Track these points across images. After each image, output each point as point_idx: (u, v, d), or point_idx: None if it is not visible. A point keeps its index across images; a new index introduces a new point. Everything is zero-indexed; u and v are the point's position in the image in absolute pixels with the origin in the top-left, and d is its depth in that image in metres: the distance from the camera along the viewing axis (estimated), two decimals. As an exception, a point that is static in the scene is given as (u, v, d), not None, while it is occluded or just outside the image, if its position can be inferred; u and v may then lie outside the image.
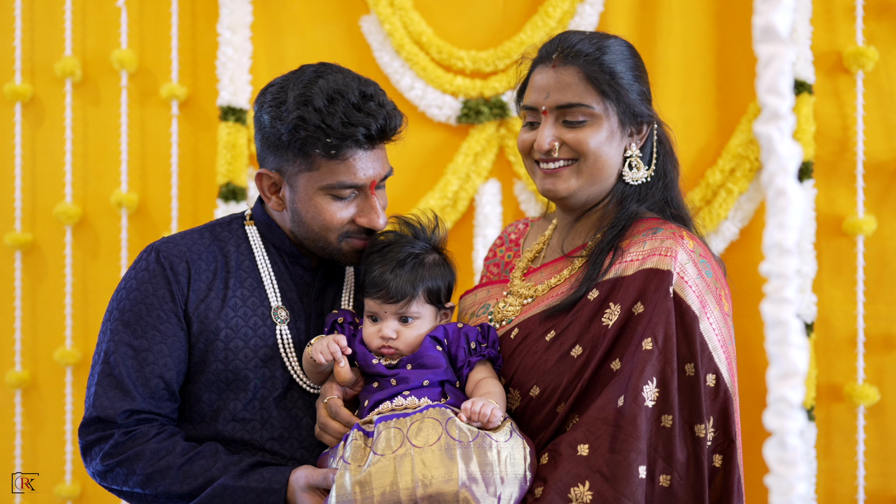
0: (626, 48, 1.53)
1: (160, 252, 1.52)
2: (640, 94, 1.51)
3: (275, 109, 1.47)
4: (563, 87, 1.48)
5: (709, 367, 1.39)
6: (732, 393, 1.41)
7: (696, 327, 1.38)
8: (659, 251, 1.42)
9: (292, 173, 1.49)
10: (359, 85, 1.48)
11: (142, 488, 1.43)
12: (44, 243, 2.59)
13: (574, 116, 1.47)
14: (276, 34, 2.54)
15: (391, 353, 1.47)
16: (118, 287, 1.53)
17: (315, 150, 1.45)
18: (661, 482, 1.34)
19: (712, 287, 1.43)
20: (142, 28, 2.58)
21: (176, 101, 2.55)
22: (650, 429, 1.34)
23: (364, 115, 1.46)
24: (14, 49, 2.57)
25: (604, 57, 1.48)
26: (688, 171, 2.44)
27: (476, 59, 2.47)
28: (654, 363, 1.36)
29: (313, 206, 1.50)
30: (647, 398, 1.34)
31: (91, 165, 2.60)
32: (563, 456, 1.35)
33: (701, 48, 2.43)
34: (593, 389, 1.39)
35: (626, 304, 1.39)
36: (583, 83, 1.47)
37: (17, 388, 2.56)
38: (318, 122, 1.44)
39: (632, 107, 1.48)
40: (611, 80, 1.47)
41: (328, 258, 1.58)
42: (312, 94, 1.45)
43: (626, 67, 1.49)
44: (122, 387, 1.45)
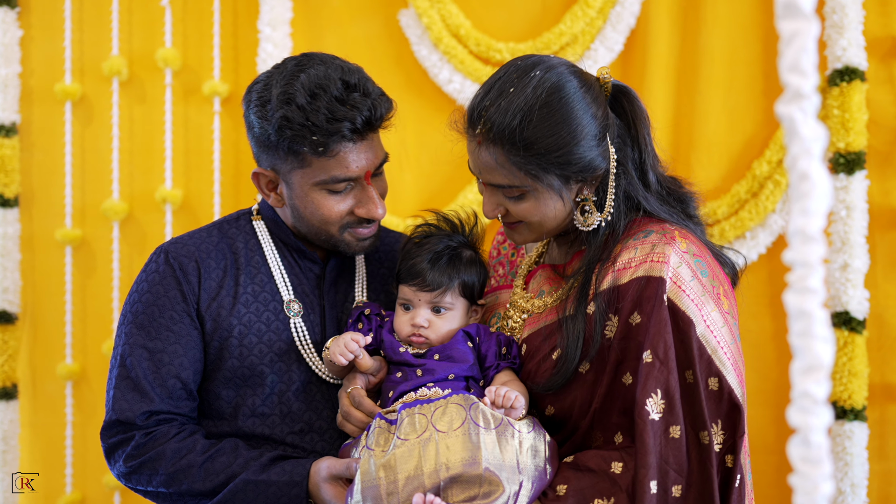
0: (560, 99, 1.37)
1: (169, 253, 1.53)
2: (579, 152, 1.37)
3: (260, 109, 1.46)
4: (490, 168, 1.40)
5: (709, 371, 1.36)
6: (739, 393, 1.38)
7: (691, 333, 1.35)
8: (651, 257, 1.38)
9: (286, 171, 1.49)
10: (341, 75, 1.45)
11: (166, 488, 1.44)
12: (93, 239, 2.65)
13: (510, 193, 1.41)
14: (315, 30, 2.55)
15: (420, 342, 1.48)
16: (130, 291, 1.55)
17: (303, 148, 1.44)
18: (673, 493, 1.33)
19: (709, 287, 1.39)
20: (185, 26, 2.61)
21: (218, 98, 2.58)
22: (658, 442, 1.32)
23: (349, 108, 1.43)
24: (64, 49, 2.63)
25: (526, 133, 1.35)
26: (733, 162, 2.37)
27: (515, 51, 2.43)
28: (657, 375, 1.33)
29: (310, 202, 1.49)
30: (652, 411, 1.32)
31: (137, 162, 2.65)
32: (593, 468, 1.35)
33: (747, 35, 2.35)
34: (612, 404, 1.37)
35: (624, 315, 1.37)
36: (508, 166, 1.38)
37: (68, 380, 2.63)
38: (302, 121, 1.42)
39: (570, 169, 1.38)
40: (539, 160, 1.36)
41: (333, 249, 1.57)
42: (294, 92, 1.43)
43: (557, 132, 1.36)
44: (140, 389, 1.46)
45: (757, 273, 2.35)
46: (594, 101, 1.40)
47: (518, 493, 1.31)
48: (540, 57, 1.43)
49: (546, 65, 1.40)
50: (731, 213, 2.34)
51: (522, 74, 1.39)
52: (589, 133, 1.38)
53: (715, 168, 2.36)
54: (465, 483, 1.29)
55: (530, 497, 1.33)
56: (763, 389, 2.30)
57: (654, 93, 2.37)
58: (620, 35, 2.39)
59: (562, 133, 1.36)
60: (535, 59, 1.42)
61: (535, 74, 1.38)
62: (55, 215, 2.65)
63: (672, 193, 1.50)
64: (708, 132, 2.36)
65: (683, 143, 2.39)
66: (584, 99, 1.38)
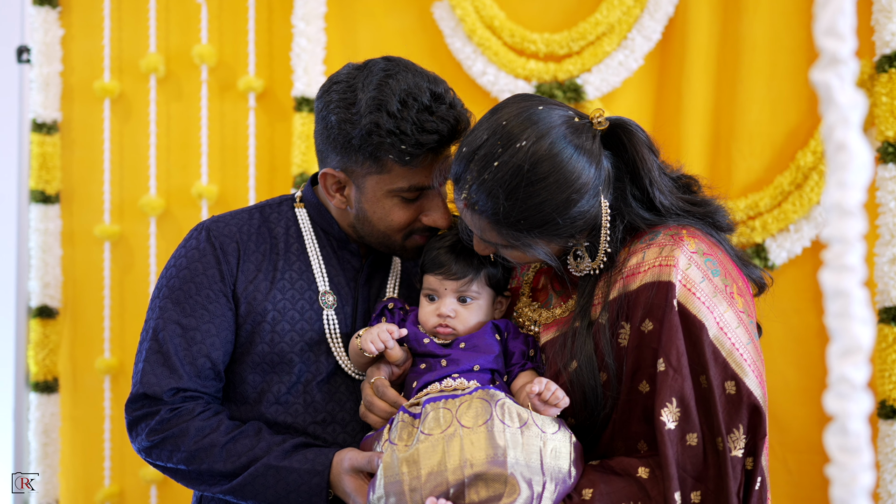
0: (549, 173, 1.29)
1: (211, 231, 1.52)
2: (567, 221, 1.32)
3: (344, 111, 1.43)
4: (476, 228, 1.38)
5: (724, 374, 1.31)
6: (759, 394, 1.32)
7: (703, 337, 1.30)
8: (659, 261, 1.34)
9: (360, 175, 1.47)
10: (429, 84, 1.44)
11: (186, 465, 1.44)
12: (130, 234, 2.68)
13: (499, 245, 1.39)
14: (349, 24, 2.54)
15: (447, 332, 1.45)
16: (167, 264, 1.54)
17: (389, 156, 1.42)
18: (692, 499, 1.30)
19: (721, 286, 1.34)
20: (221, 23, 2.63)
21: (253, 94, 2.59)
22: (676, 450, 1.29)
23: (438, 120, 1.42)
24: (103, 48, 2.66)
25: (512, 213, 1.31)
26: (776, 153, 2.30)
27: (549, 41, 2.39)
28: (671, 384, 1.30)
29: (381, 208, 1.48)
30: (668, 421, 1.29)
31: (174, 159, 2.67)
32: (619, 472, 1.33)
33: (790, 21, 2.28)
34: (631, 412, 1.35)
35: (635, 322, 1.33)
36: (493, 232, 1.35)
37: (107, 374, 2.66)
38: (391, 128, 1.40)
39: (558, 234, 1.34)
40: (525, 233, 1.33)
41: (385, 252, 1.56)
42: (385, 98, 1.41)
43: (544, 209, 1.31)
44: (170, 364, 1.46)
45: (801, 267, 2.27)
46: (587, 161, 1.32)
47: (542, 495, 1.28)
48: (533, 113, 1.33)
49: (537, 130, 1.31)
50: (774, 205, 2.27)
51: (509, 143, 1.30)
52: (579, 199, 1.32)
53: (757, 159, 2.29)
54: (488, 481, 1.26)
55: (555, 499, 1.30)
56: (808, 387, 2.22)
57: (694, 82, 2.31)
58: (658, 23, 2.34)
59: (547, 209, 1.31)
60: (528, 116, 1.32)
61: (522, 146, 1.30)
62: (94, 211, 2.69)
63: (696, 205, 1.41)
64: (750, 122, 2.29)
65: (724, 134, 2.32)
66: (577, 164, 1.31)
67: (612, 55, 2.35)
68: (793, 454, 2.24)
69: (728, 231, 1.43)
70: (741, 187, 2.30)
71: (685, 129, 2.31)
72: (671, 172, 1.44)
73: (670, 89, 2.36)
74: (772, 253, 2.26)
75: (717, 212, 1.42)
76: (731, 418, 1.30)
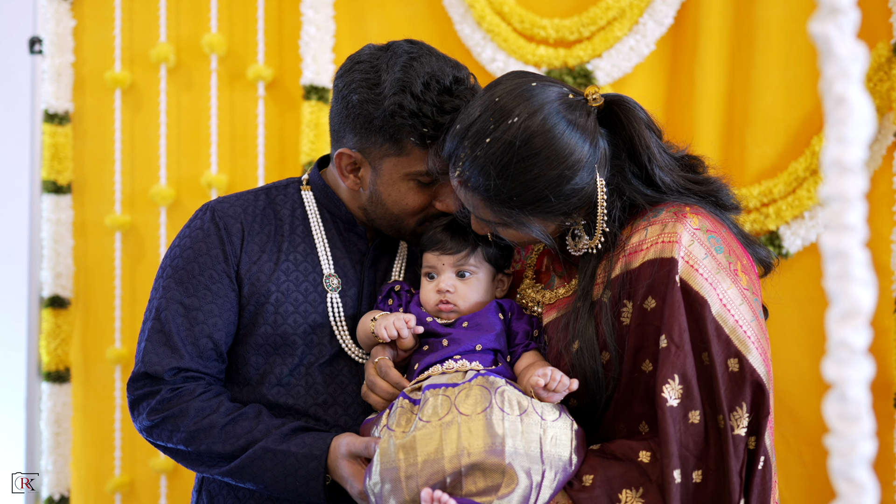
0: (541, 148, 1.28)
1: (215, 211, 1.52)
2: (561, 198, 1.31)
3: (367, 91, 1.42)
4: (471, 206, 1.37)
5: (727, 351, 1.28)
6: (763, 372, 1.29)
7: (706, 314, 1.27)
8: (662, 237, 1.31)
9: (378, 156, 1.45)
10: (452, 69, 1.43)
11: (185, 445, 1.43)
12: (141, 224, 2.68)
13: (495, 223, 1.38)
14: (358, 11, 2.53)
15: (448, 309, 1.44)
16: (172, 244, 1.54)
17: (410, 138, 1.41)
18: (694, 479, 1.26)
19: (724, 263, 1.31)
20: (230, 12, 2.62)
21: (262, 83, 2.58)
22: (678, 428, 1.26)
23: (456, 100, 1.41)
24: (114, 38, 2.67)
25: (503, 189, 1.29)
26: (791, 138, 2.25)
27: (559, 27, 2.36)
28: (673, 360, 1.27)
29: (396, 191, 1.47)
30: (670, 398, 1.26)
31: (184, 148, 2.67)
32: (620, 456, 1.31)
33: (806, 5, 2.23)
34: (633, 392, 1.32)
35: (638, 299, 1.31)
36: (488, 209, 1.34)
37: (118, 363, 2.66)
38: (414, 109, 1.39)
39: (552, 212, 1.33)
40: (518, 209, 1.31)
41: (395, 236, 1.54)
42: (410, 80, 1.40)
43: (536, 186, 1.29)
44: (172, 344, 1.45)
45: (816, 255, 2.22)
46: (581, 137, 1.30)
47: (541, 484, 1.25)
48: (527, 90, 1.31)
49: (530, 106, 1.29)
50: (789, 191, 2.22)
51: (501, 119, 1.29)
52: (573, 175, 1.30)
53: (771, 145, 2.25)
54: (486, 471, 1.24)
55: (555, 487, 1.28)
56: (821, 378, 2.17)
57: (707, 67, 2.27)
58: (671, 7, 2.30)
59: (540, 186, 1.30)
60: (521, 91, 1.31)
61: (514, 122, 1.28)
62: (106, 202, 2.69)
63: (698, 183, 1.39)
64: (764, 107, 2.24)
65: (738, 120, 2.28)
66: (570, 140, 1.29)
67: (623, 40, 2.32)
68: (808, 446, 2.19)
69: (733, 210, 1.41)
70: (755, 174, 2.25)
71: (698, 116, 2.27)
72: (675, 152, 1.41)
73: (683, 75, 2.32)
74: (786, 240, 2.21)
75: (720, 190, 1.39)
76: (733, 396, 1.27)
